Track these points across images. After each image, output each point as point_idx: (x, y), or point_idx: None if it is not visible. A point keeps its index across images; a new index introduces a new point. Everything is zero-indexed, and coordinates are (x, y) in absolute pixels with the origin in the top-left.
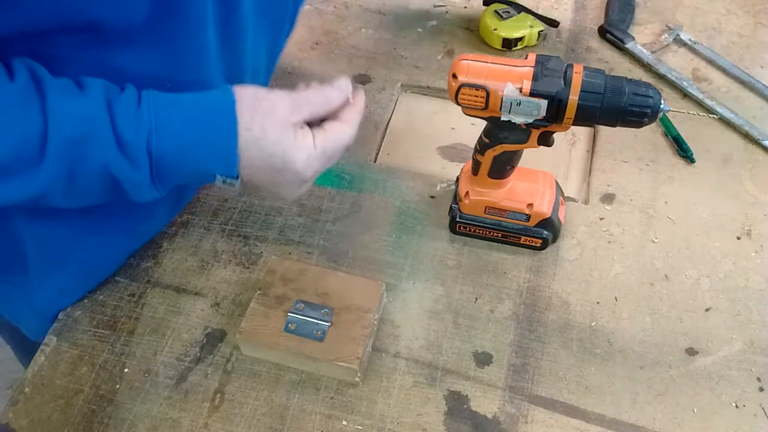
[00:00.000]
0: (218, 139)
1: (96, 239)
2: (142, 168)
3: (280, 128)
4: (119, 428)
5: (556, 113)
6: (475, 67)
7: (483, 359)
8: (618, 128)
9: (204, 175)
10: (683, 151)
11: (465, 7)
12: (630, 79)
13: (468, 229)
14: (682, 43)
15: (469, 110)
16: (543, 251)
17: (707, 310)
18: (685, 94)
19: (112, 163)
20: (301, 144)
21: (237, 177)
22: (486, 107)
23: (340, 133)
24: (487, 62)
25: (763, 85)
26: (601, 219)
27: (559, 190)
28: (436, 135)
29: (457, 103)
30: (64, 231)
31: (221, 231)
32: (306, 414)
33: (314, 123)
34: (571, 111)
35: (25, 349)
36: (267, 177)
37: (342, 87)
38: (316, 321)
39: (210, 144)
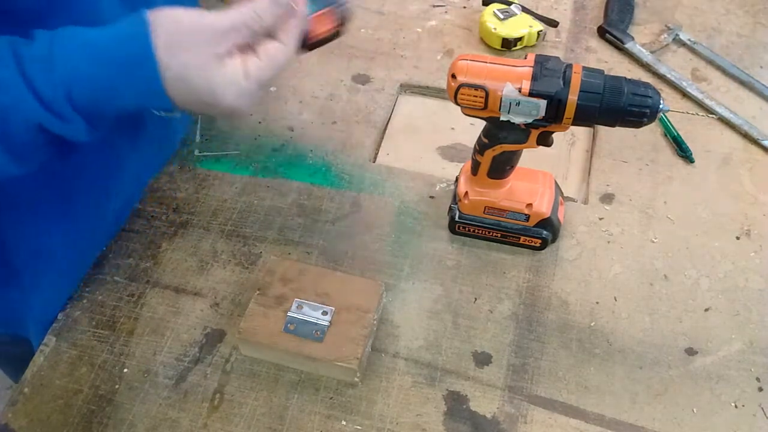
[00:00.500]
0: (139, 81)
1: (76, 227)
2: (72, 120)
3: (203, 63)
4: (118, 428)
5: (555, 113)
6: (474, 67)
7: (482, 359)
8: (617, 128)
9: (140, 110)
10: (683, 151)
11: (464, 7)
12: (629, 79)
13: (467, 229)
14: (681, 43)
15: (468, 110)
16: (542, 251)
17: (707, 310)
18: (685, 94)
19: (44, 122)
20: (230, 78)
21: (172, 110)
22: (485, 107)
23: (275, 57)
24: (486, 62)
25: (763, 85)
26: (600, 219)
27: (558, 190)
28: (436, 135)
29: (457, 103)
30: (45, 225)
31: (220, 231)
32: (305, 414)
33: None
34: (570, 111)
35: (16, 370)
36: (203, 109)
37: (282, 2)
38: (315, 321)
39: (132, 87)
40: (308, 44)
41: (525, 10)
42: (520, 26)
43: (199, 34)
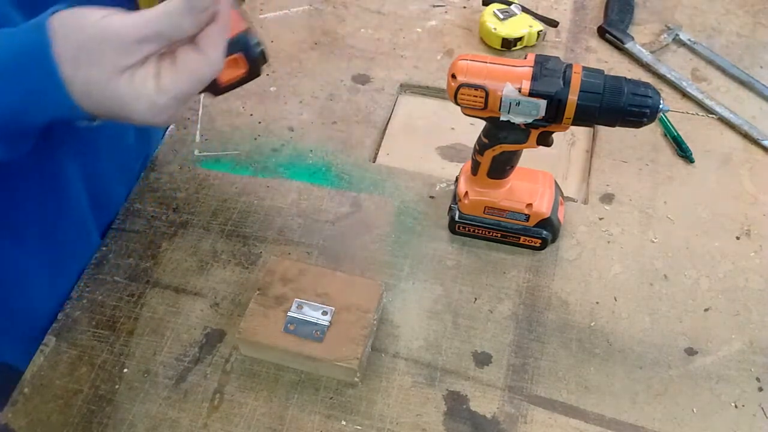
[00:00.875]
0: (44, 98)
1: (29, 251)
2: None
3: (108, 77)
4: (118, 428)
5: (555, 113)
6: (474, 68)
7: (482, 359)
8: (617, 128)
9: (58, 123)
10: (683, 151)
11: (464, 7)
12: (629, 79)
13: (467, 229)
14: (681, 43)
15: (468, 110)
16: (542, 251)
17: (706, 310)
18: (685, 94)
19: None
20: (139, 92)
21: (93, 119)
22: (485, 107)
23: (195, 70)
24: (486, 62)
25: (763, 85)
26: (600, 219)
27: (558, 190)
28: (436, 135)
29: (457, 103)
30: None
31: (220, 231)
32: (305, 414)
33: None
34: (570, 111)
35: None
36: (120, 120)
37: (198, 5)
38: (315, 321)
39: (39, 104)
40: (219, 89)
41: (525, 10)
42: (520, 26)
43: (105, 44)
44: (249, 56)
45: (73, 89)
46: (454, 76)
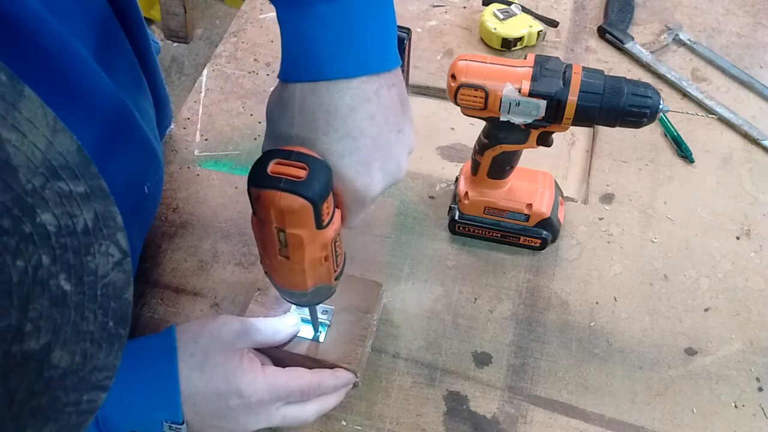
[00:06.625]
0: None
1: None
2: None
3: (223, 351)
4: None
5: (555, 113)
6: (474, 68)
7: (482, 359)
8: (617, 128)
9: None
10: (682, 151)
11: (464, 7)
12: (629, 80)
13: (467, 229)
14: (681, 43)
15: (468, 110)
16: (542, 251)
17: (706, 310)
18: (685, 94)
19: None
20: (247, 367)
21: (182, 422)
22: (485, 107)
23: (297, 375)
24: (486, 62)
25: (763, 85)
26: (600, 219)
27: (558, 190)
28: (436, 135)
29: (456, 104)
30: None
31: (220, 231)
32: None
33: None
34: (570, 111)
35: None
36: (210, 407)
37: (289, 323)
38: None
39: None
40: None
41: (525, 10)
42: (520, 26)
43: (224, 327)
44: None
45: (184, 366)
46: (453, 77)
